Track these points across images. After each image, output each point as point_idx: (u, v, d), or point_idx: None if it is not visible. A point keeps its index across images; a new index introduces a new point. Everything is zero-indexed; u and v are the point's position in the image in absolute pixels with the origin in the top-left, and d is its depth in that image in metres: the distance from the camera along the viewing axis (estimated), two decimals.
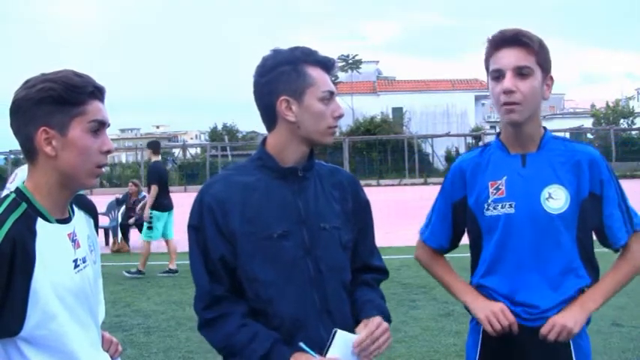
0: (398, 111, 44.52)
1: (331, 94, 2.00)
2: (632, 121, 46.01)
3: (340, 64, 41.02)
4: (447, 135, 39.83)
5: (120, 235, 12.94)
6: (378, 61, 55.07)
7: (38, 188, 1.72)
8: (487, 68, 2.19)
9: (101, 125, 1.75)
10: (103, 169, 1.80)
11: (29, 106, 1.68)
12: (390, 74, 57.46)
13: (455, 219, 2.33)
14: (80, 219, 1.86)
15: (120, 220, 13.07)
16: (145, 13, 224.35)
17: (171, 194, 9.86)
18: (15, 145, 1.79)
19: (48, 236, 1.68)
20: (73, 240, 1.77)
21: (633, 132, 40.92)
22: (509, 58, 2.10)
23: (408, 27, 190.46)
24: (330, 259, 2.00)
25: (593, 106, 54.15)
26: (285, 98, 1.96)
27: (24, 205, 1.68)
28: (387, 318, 2.01)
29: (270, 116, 2.02)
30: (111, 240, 13.11)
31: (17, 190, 1.73)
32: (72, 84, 1.71)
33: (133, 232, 13.08)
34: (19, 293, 1.61)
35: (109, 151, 1.77)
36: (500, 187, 2.19)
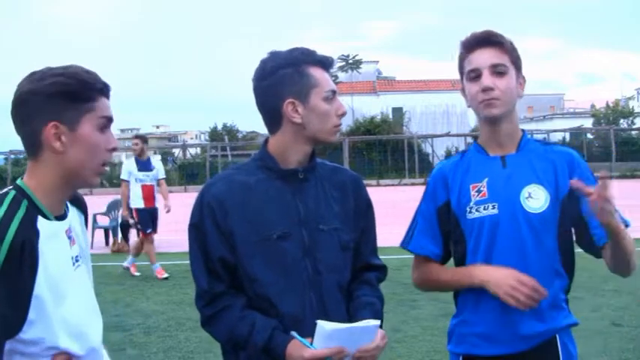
0: (398, 111, 44.52)
1: (334, 92, 2.03)
2: (632, 121, 45.95)
3: (340, 64, 41.08)
4: (447, 135, 39.82)
5: (120, 235, 12.94)
6: (378, 61, 55.21)
7: (40, 185, 1.67)
8: (461, 72, 2.21)
9: (108, 122, 1.74)
10: (107, 168, 1.78)
11: (39, 100, 1.65)
12: (390, 74, 57.68)
13: (440, 223, 2.26)
14: (74, 215, 1.82)
15: (120, 220, 13.07)
16: (145, 13, 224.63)
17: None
18: (15, 145, 1.78)
19: (48, 234, 1.65)
20: (69, 237, 1.74)
21: (633, 132, 40.88)
22: (485, 57, 2.13)
23: (408, 27, 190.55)
24: (329, 261, 2.01)
25: (593, 106, 54.23)
26: (291, 101, 1.98)
27: (25, 203, 1.63)
28: (381, 322, 2.01)
29: (274, 119, 2.02)
30: (111, 240, 13.10)
31: (16, 187, 1.67)
32: (84, 79, 1.69)
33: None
34: (25, 294, 1.57)
35: (114, 149, 1.76)
36: (481, 189, 2.17)
